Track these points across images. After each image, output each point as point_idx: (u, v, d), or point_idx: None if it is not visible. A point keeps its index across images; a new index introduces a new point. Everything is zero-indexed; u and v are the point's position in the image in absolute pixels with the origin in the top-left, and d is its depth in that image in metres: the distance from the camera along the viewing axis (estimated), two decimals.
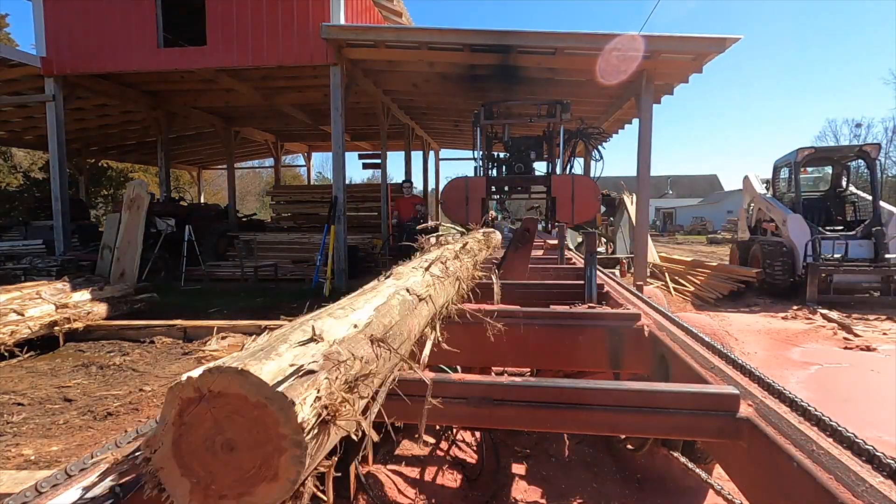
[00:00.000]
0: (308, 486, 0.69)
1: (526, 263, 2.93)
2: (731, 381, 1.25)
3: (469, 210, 8.04)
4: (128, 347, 5.29)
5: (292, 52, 8.33)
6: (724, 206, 39.51)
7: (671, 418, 1.11)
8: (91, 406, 3.69)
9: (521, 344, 1.86)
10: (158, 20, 8.67)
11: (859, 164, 11.11)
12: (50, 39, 8.87)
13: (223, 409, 0.60)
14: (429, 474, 2.70)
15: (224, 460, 0.61)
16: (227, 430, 0.61)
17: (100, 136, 15.02)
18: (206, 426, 0.61)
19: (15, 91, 10.09)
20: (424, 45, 8.10)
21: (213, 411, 0.60)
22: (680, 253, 15.43)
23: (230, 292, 8.65)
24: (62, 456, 2.94)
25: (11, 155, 20.59)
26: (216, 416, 0.60)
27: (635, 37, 7.18)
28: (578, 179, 8.26)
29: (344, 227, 8.61)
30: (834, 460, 0.86)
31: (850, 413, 3.68)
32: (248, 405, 0.60)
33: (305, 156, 20.59)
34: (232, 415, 0.60)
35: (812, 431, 0.96)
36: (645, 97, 7.86)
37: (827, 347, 5.67)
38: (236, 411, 0.60)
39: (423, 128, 15.84)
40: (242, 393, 0.59)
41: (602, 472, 2.74)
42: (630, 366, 1.82)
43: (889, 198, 20.49)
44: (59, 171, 9.13)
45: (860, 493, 0.78)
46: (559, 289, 2.77)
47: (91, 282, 6.61)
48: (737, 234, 12.89)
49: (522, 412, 1.15)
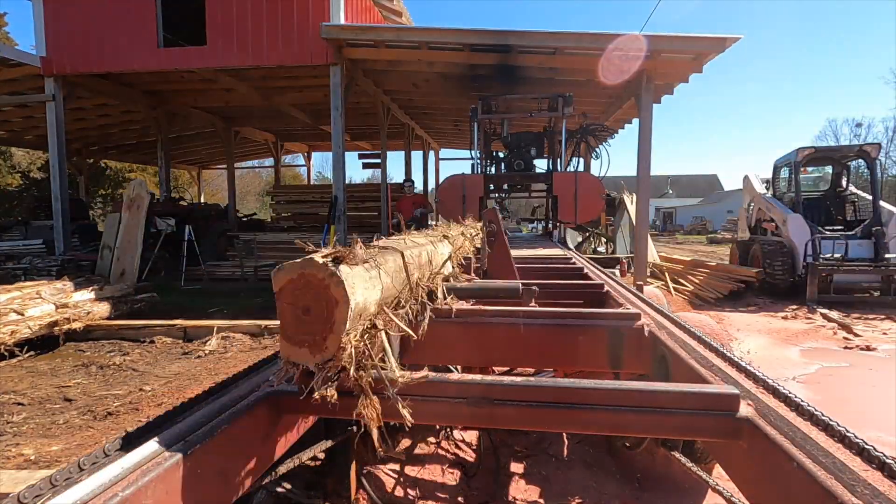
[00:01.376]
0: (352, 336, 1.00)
1: (508, 258, 2.90)
2: (731, 381, 1.25)
3: (466, 210, 7.77)
4: (128, 347, 5.29)
5: (292, 51, 8.33)
6: (724, 206, 39.51)
7: (671, 418, 1.11)
8: (91, 406, 3.69)
9: (521, 344, 1.85)
10: (158, 20, 8.67)
11: (859, 163, 11.10)
12: (50, 39, 8.87)
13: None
14: (429, 474, 2.70)
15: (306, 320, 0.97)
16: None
17: (100, 136, 15.02)
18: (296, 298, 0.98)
19: (15, 91, 10.08)
20: (424, 44, 8.10)
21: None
22: (680, 253, 15.43)
23: (230, 292, 8.65)
24: (62, 456, 2.94)
25: (11, 155, 20.59)
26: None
27: (637, 37, 7.18)
28: (582, 176, 7.87)
29: (344, 226, 8.61)
30: (834, 460, 0.86)
31: (849, 413, 3.69)
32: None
33: (305, 155, 20.59)
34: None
35: (812, 431, 0.96)
36: (645, 97, 7.86)
37: (827, 347, 5.67)
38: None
39: (423, 127, 15.84)
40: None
41: (602, 471, 2.74)
42: (630, 366, 1.82)
43: (889, 198, 20.48)
44: (59, 171, 9.12)
45: (860, 493, 0.78)
46: (559, 288, 2.77)
47: (91, 282, 6.61)
48: (737, 233, 12.90)
49: (522, 412, 1.15)
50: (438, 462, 2.79)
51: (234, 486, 1.10)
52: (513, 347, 1.87)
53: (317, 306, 0.96)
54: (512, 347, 1.87)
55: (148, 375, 4.42)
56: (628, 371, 1.86)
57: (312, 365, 0.98)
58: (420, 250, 1.65)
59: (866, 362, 5.09)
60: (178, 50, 8.82)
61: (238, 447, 1.10)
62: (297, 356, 0.98)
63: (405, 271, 1.41)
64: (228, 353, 5.09)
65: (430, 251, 1.79)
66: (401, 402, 1.07)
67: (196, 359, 4.91)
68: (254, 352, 5.10)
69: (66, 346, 5.34)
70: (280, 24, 8.31)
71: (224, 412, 1.12)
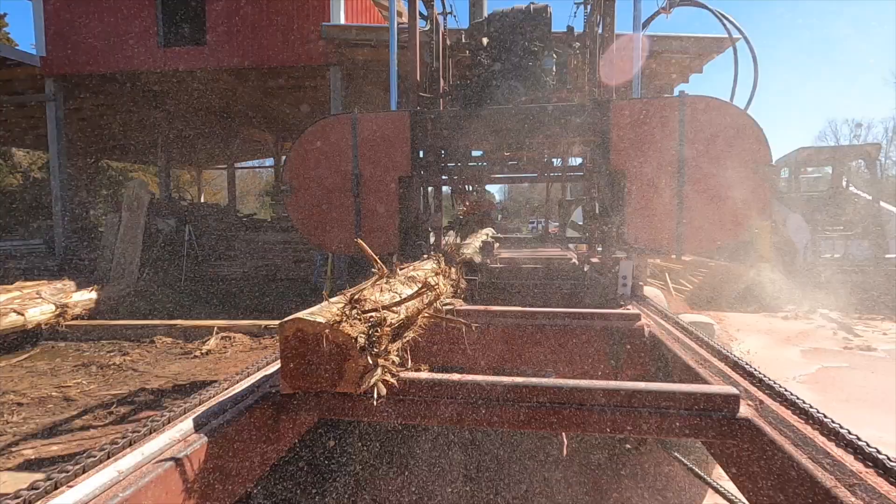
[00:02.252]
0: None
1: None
2: (731, 381, 1.25)
3: (364, 213, 3.24)
4: (128, 347, 5.29)
5: (292, 51, 8.33)
6: None
7: (671, 418, 1.11)
8: (91, 406, 3.69)
9: (522, 344, 1.86)
10: (159, 20, 8.67)
11: (859, 164, 11.11)
12: (50, 39, 8.87)
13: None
14: (428, 474, 2.70)
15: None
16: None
17: (100, 136, 15.01)
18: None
19: (15, 91, 10.08)
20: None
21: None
22: None
23: (230, 292, 8.64)
24: (62, 456, 2.94)
25: (12, 155, 20.58)
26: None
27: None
28: (715, 104, 2.84)
29: None
30: (833, 460, 0.86)
31: (849, 413, 3.68)
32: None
33: None
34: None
35: (812, 431, 0.96)
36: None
37: (827, 347, 5.67)
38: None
39: None
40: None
41: (602, 472, 2.74)
42: (630, 366, 1.82)
43: (889, 198, 20.47)
44: (59, 171, 9.13)
45: (859, 493, 0.78)
46: (559, 288, 2.77)
47: (91, 282, 6.61)
48: None
49: (522, 412, 1.15)
50: (438, 462, 2.79)
51: (234, 485, 1.10)
52: (513, 347, 1.87)
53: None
54: (512, 347, 1.87)
55: (148, 375, 4.42)
56: (628, 371, 1.87)
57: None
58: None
59: (866, 362, 5.09)
60: (178, 50, 8.82)
61: (238, 447, 1.10)
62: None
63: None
64: (228, 352, 5.09)
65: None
66: (400, 402, 1.07)
67: (196, 358, 4.91)
68: (253, 351, 5.11)
69: (66, 346, 5.34)
70: (280, 25, 8.32)
71: (224, 412, 1.13)
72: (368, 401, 1.10)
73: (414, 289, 1.45)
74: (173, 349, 5.26)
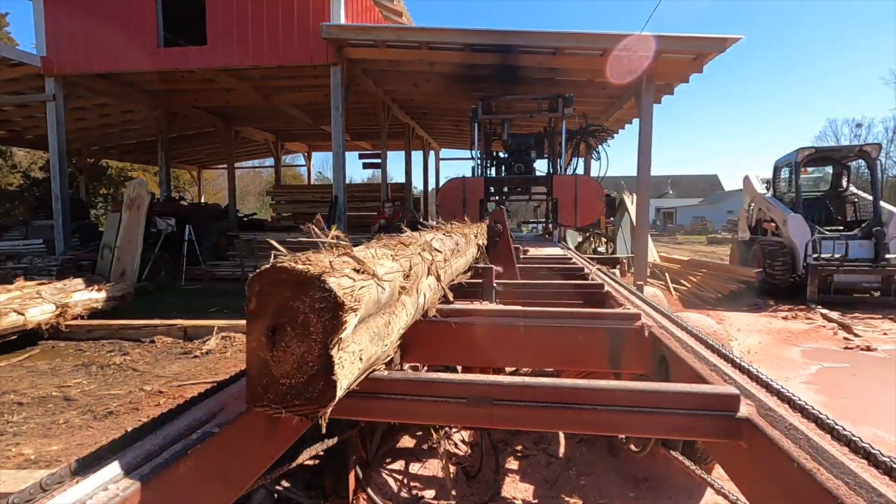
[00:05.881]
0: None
1: (509, 253, 2.92)
2: (731, 381, 1.25)
3: (467, 213, 7.73)
4: (128, 347, 5.29)
5: (292, 51, 8.33)
6: (724, 206, 39.51)
7: (671, 418, 1.11)
8: (91, 406, 3.69)
9: (521, 344, 1.85)
10: (159, 20, 8.67)
11: (860, 164, 11.10)
12: (50, 39, 8.88)
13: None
14: (428, 473, 2.70)
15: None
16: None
17: (100, 135, 15.01)
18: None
19: (15, 91, 10.09)
20: (425, 44, 8.10)
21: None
22: (680, 253, 15.43)
23: (230, 292, 8.64)
24: (62, 455, 2.94)
25: (12, 154, 20.59)
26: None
27: (639, 36, 7.18)
28: (582, 180, 8.01)
29: (344, 226, 8.61)
30: (834, 460, 0.86)
31: (849, 413, 3.68)
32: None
33: (305, 155, 20.58)
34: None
35: (812, 431, 0.96)
36: (645, 97, 7.86)
37: (827, 347, 5.67)
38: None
39: (424, 127, 15.84)
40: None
41: (602, 472, 2.74)
42: (630, 366, 1.82)
43: (889, 198, 20.46)
44: (59, 171, 9.13)
45: (859, 493, 0.78)
46: (559, 288, 2.77)
47: (91, 281, 6.61)
48: (737, 233, 12.89)
49: (522, 412, 1.15)
50: (438, 462, 2.79)
51: (234, 486, 1.10)
52: (513, 347, 1.87)
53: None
54: (512, 347, 1.86)
55: (148, 375, 4.42)
56: (628, 371, 1.86)
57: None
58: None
59: (866, 362, 5.09)
60: (179, 50, 8.82)
61: (237, 447, 1.10)
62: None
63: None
64: (228, 352, 5.09)
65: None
66: (399, 400, 1.07)
67: (196, 358, 4.91)
68: None
69: (66, 346, 5.34)
70: (280, 24, 8.32)
71: (224, 411, 1.12)
72: (367, 401, 1.10)
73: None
74: (173, 349, 5.26)
